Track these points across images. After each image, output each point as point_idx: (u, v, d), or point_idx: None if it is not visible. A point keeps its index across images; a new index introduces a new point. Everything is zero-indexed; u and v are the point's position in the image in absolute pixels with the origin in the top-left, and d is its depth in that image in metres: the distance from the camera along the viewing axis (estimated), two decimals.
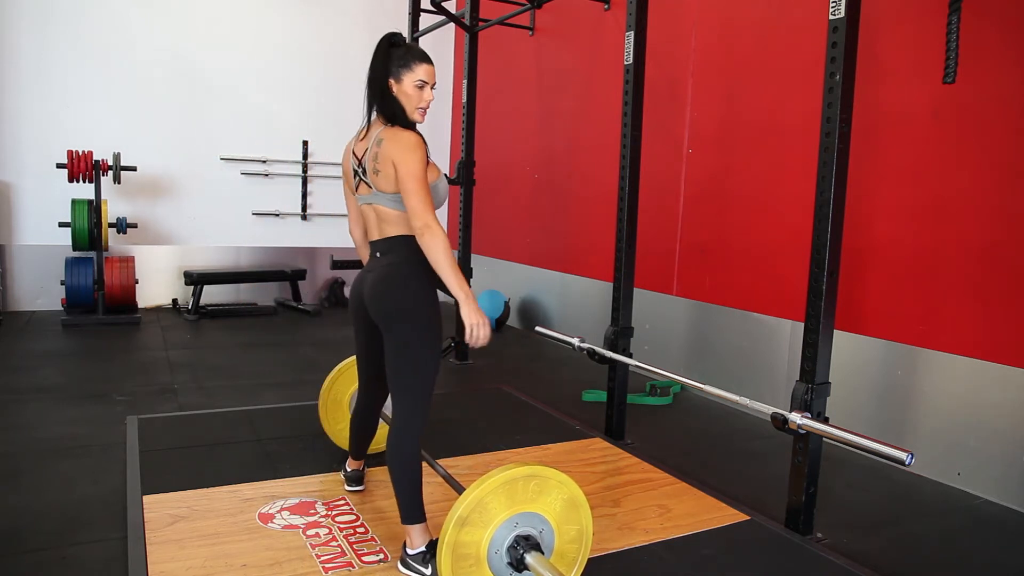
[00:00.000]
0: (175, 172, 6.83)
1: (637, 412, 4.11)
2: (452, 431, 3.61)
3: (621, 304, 3.62)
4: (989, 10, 3.07)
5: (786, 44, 4.08)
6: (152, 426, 3.53)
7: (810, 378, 2.60)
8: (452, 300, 2.40)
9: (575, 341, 3.71)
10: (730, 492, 3.04)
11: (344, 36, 7.40)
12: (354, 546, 2.41)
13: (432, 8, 5.31)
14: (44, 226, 6.28)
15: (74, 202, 6.03)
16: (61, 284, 6.15)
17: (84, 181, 5.94)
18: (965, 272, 3.24)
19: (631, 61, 3.50)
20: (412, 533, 2.23)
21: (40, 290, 6.44)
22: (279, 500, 2.73)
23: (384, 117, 2.26)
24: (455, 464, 3.13)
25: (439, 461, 2.81)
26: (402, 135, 2.20)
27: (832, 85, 2.50)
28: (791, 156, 4.03)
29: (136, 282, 6.34)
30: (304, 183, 7.41)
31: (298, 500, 2.73)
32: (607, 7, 5.51)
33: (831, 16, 2.49)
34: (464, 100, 5.27)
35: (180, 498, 2.70)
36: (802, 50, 3.91)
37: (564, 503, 2.09)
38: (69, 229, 6.04)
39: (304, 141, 7.36)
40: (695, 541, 2.58)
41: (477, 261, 6.16)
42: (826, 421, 2.58)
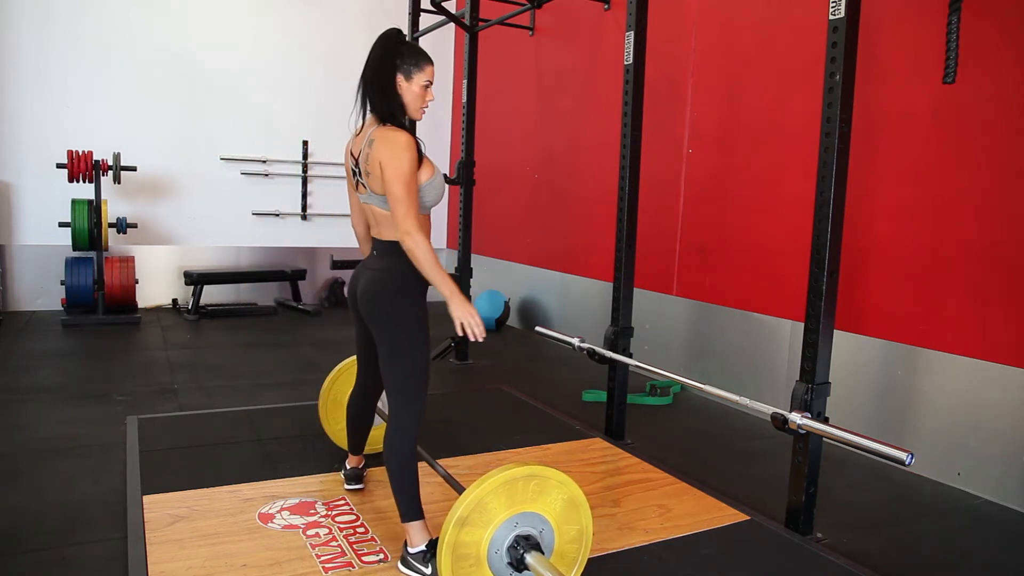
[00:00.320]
0: (175, 172, 6.83)
1: (637, 412, 4.11)
2: (452, 431, 3.62)
3: (621, 304, 3.62)
4: (989, 10, 3.07)
5: (786, 44, 4.08)
6: (152, 426, 3.53)
7: (810, 378, 2.60)
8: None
9: (575, 341, 3.71)
10: (730, 492, 3.04)
11: (344, 36, 7.40)
12: (354, 546, 2.41)
13: (432, 8, 5.32)
14: (44, 226, 6.29)
15: (74, 202, 6.03)
16: (61, 284, 6.15)
17: (84, 181, 5.94)
18: (965, 272, 3.24)
19: (631, 61, 3.50)
20: (411, 532, 2.24)
21: (40, 290, 6.45)
22: (279, 500, 2.73)
23: (380, 114, 2.23)
24: (455, 464, 3.13)
25: (439, 461, 2.81)
26: (392, 136, 2.17)
27: (832, 85, 2.50)
28: (791, 156, 4.03)
29: (136, 282, 6.34)
30: (304, 183, 7.41)
31: (298, 500, 2.74)
32: (607, 7, 5.51)
33: (831, 16, 2.49)
34: (464, 100, 5.27)
35: (180, 498, 2.70)
36: (802, 50, 3.91)
37: (564, 503, 2.09)
38: (69, 229, 6.04)
39: (304, 141, 7.36)
40: (695, 541, 2.58)
41: (477, 261, 6.16)
42: (826, 421, 2.58)
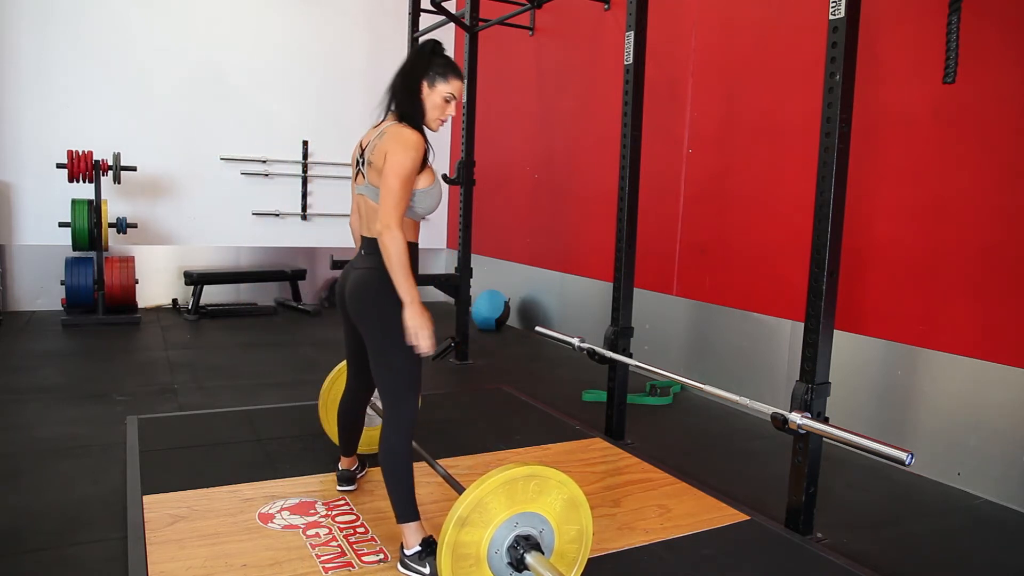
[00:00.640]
0: (175, 172, 6.83)
1: (637, 412, 4.11)
2: (452, 431, 3.62)
3: (621, 304, 3.62)
4: (989, 10, 3.07)
5: (786, 44, 4.08)
6: (152, 426, 3.53)
7: (810, 378, 2.60)
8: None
9: (575, 341, 3.71)
10: (730, 492, 3.04)
11: (344, 36, 7.41)
12: (354, 546, 2.41)
13: (432, 8, 5.31)
14: (44, 226, 6.29)
15: (74, 202, 6.03)
16: (61, 284, 6.15)
17: (84, 181, 5.94)
18: (965, 272, 3.24)
19: (631, 61, 3.50)
20: (406, 532, 2.24)
21: (40, 290, 6.45)
22: (279, 500, 2.73)
23: (400, 114, 2.28)
24: (455, 464, 3.13)
25: (439, 461, 2.81)
26: (404, 132, 2.21)
27: (832, 85, 2.50)
28: (791, 156, 4.03)
29: (136, 282, 6.34)
30: (304, 183, 7.41)
31: (298, 500, 2.74)
32: (607, 7, 5.51)
33: (831, 16, 2.49)
34: (464, 100, 5.27)
35: (180, 498, 2.70)
36: (802, 50, 3.91)
37: (564, 503, 2.09)
38: (69, 229, 6.04)
39: (304, 141, 7.36)
40: (695, 541, 2.58)
41: (477, 261, 6.16)
42: (826, 421, 2.58)
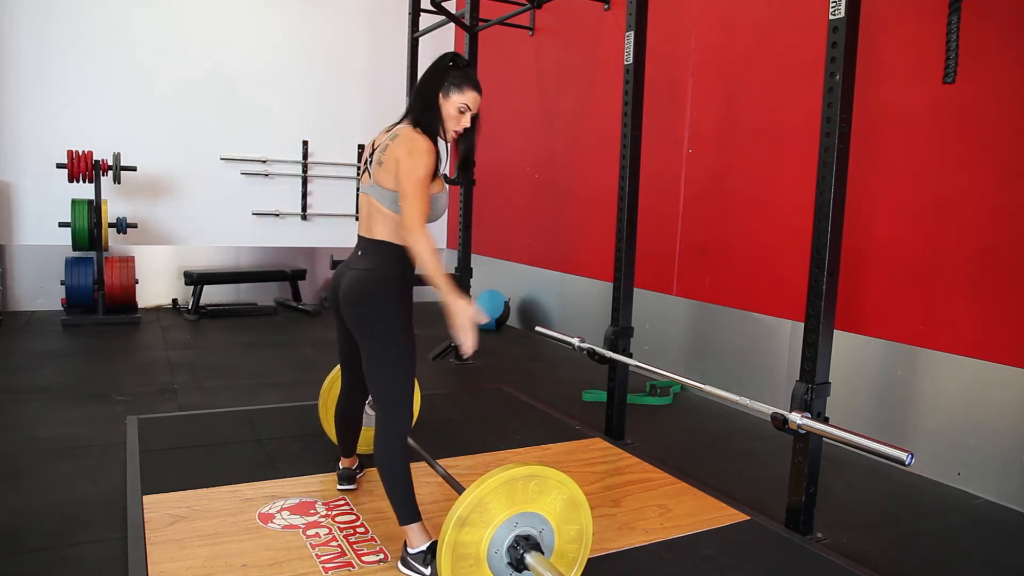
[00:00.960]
0: (175, 172, 6.83)
1: (637, 412, 4.11)
2: (452, 431, 3.62)
3: (621, 304, 3.62)
4: (989, 10, 3.07)
5: (786, 44, 4.08)
6: (152, 426, 3.53)
7: (810, 378, 2.60)
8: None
9: (575, 341, 3.71)
10: (730, 492, 3.04)
11: (344, 36, 7.41)
12: (354, 546, 2.41)
13: (432, 8, 5.32)
14: (44, 226, 6.28)
15: (74, 202, 6.03)
16: (61, 284, 6.15)
17: (84, 181, 5.93)
18: (965, 272, 3.24)
19: (631, 61, 3.50)
20: (410, 533, 2.24)
21: (40, 290, 6.44)
22: (279, 500, 2.73)
23: (417, 120, 2.27)
24: (455, 464, 3.13)
25: (439, 461, 2.81)
26: (417, 138, 2.21)
27: (832, 85, 2.50)
28: (791, 156, 4.03)
29: (136, 282, 6.34)
30: (304, 183, 7.41)
31: (298, 500, 2.74)
32: (607, 7, 5.51)
33: (831, 16, 2.49)
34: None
35: (180, 498, 2.70)
36: (802, 50, 3.91)
37: (564, 503, 2.09)
38: (69, 229, 6.04)
39: (304, 141, 7.36)
40: (695, 541, 2.58)
41: (477, 261, 6.16)
42: (826, 421, 2.58)
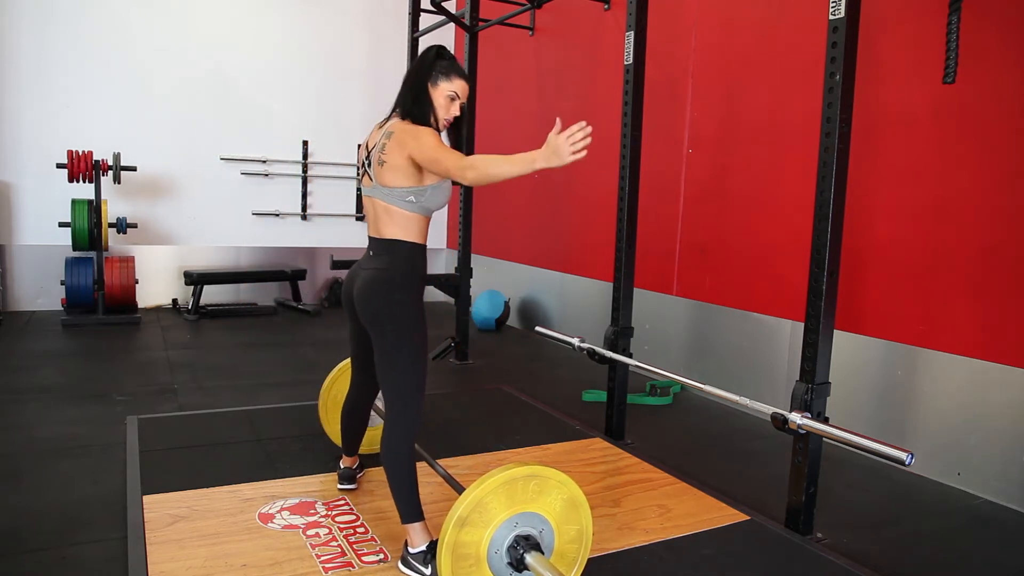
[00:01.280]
0: (175, 172, 6.83)
1: (637, 412, 4.11)
2: (452, 431, 3.62)
3: (621, 304, 3.62)
4: (989, 10, 3.07)
5: (786, 44, 4.08)
6: (152, 426, 3.53)
7: (810, 378, 2.60)
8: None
9: (575, 341, 3.71)
10: (730, 492, 3.04)
11: (344, 36, 7.41)
12: (354, 546, 2.41)
13: (432, 8, 5.31)
14: (44, 226, 6.28)
15: (74, 202, 6.03)
16: (61, 284, 6.15)
17: (84, 181, 5.94)
18: (965, 272, 3.24)
19: (631, 61, 3.50)
20: (412, 532, 2.24)
21: (40, 290, 6.44)
22: (279, 500, 2.73)
23: (408, 111, 2.29)
24: (455, 464, 3.13)
25: (439, 461, 2.81)
26: (413, 126, 2.25)
27: (832, 85, 2.50)
28: (791, 156, 4.03)
29: (136, 282, 6.34)
30: (304, 183, 7.41)
31: (298, 500, 2.74)
32: (607, 7, 5.51)
33: (831, 16, 2.49)
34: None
35: (180, 498, 2.70)
36: (802, 50, 3.91)
37: (564, 503, 2.09)
38: (69, 229, 6.04)
39: (304, 141, 7.36)
40: (695, 541, 2.58)
41: (477, 261, 6.16)
42: (826, 421, 2.58)
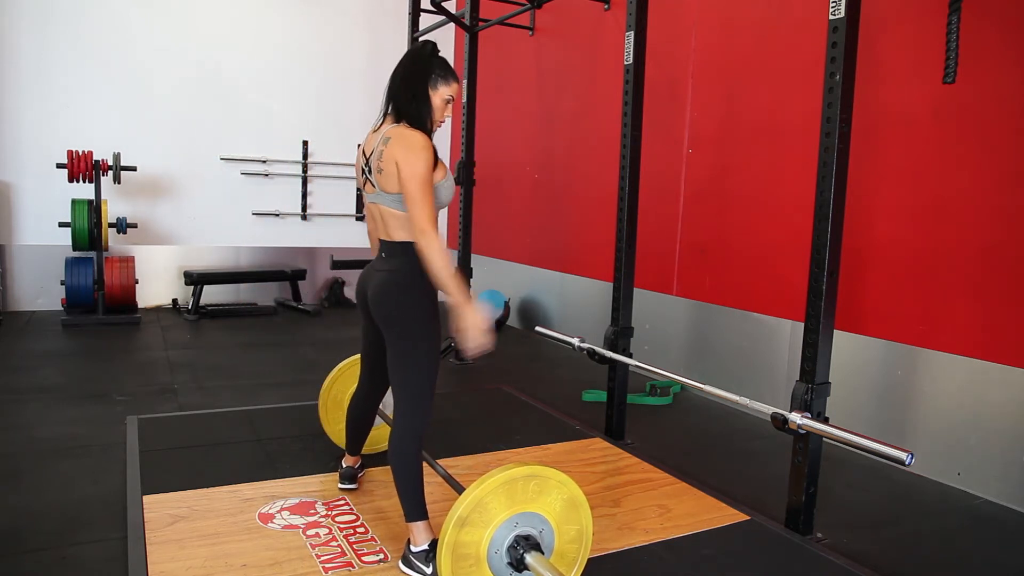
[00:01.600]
0: (175, 172, 6.83)
1: (637, 412, 4.11)
2: (452, 431, 3.62)
3: (621, 304, 3.62)
4: (989, 10, 3.07)
5: (786, 44, 4.08)
6: (152, 426, 3.53)
7: (810, 378, 2.60)
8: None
9: (575, 341, 3.71)
10: (730, 492, 3.04)
11: (344, 36, 7.41)
12: (354, 546, 2.41)
13: (432, 8, 5.31)
14: (44, 226, 6.28)
15: (74, 202, 6.03)
16: (61, 284, 6.15)
17: (84, 181, 5.93)
18: (965, 272, 3.24)
19: (631, 61, 3.50)
20: (415, 531, 2.24)
21: (40, 290, 6.44)
22: (279, 500, 2.73)
23: (405, 114, 2.23)
24: (455, 464, 3.13)
25: (439, 461, 2.81)
26: (409, 135, 2.19)
27: (832, 85, 2.50)
28: (791, 156, 4.03)
29: (136, 282, 6.34)
30: (304, 183, 7.41)
31: (298, 500, 2.74)
32: (607, 7, 5.51)
33: (831, 16, 2.49)
34: (464, 100, 5.27)
35: (180, 498, 2.70)
36: (802, 50, 3.91)
37: (564, 503, 2.09)
38: (69, 229, 6.03)
39: (304, 141, 7.36)
40: (695, 541, 2.58)
41: (477, 261, 6.16)
42: (826, 421, 2.58)
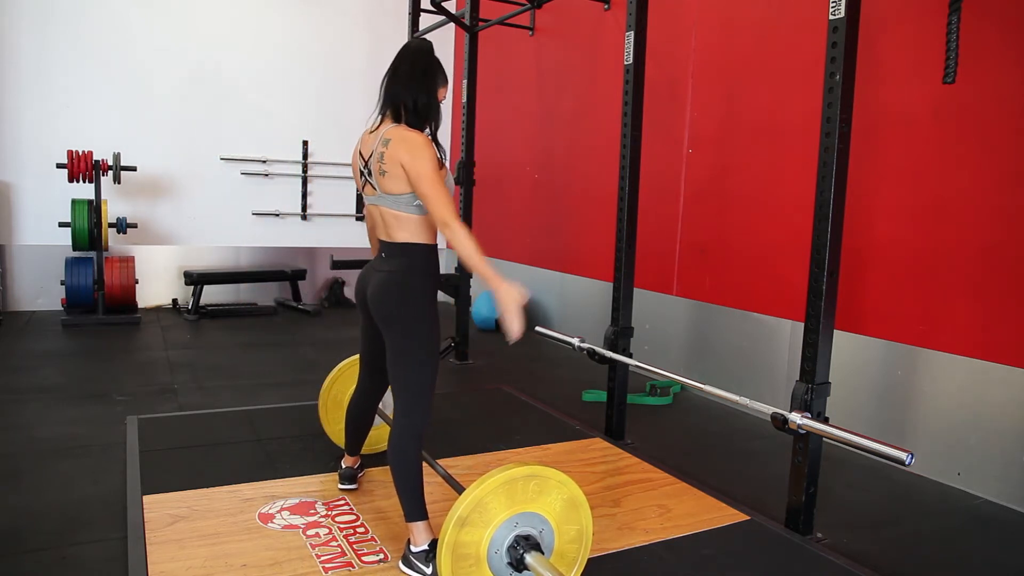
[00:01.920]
0: (175, 172, 6.83)
1: (637, 412, 4.11)
2: (452, 431, 3.61)
3: (621, 304, 3.62)
4: (989, 10, 3.07)
5: (786, 44, 4.08)
6: (152, 426, 3.53)
7: (810, 378, 2.60)
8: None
9: (575, 341, 3.71)
10: (730, 492, 3.04)
11: (344, 36, 7.41)
12: (354, 546, 2.41)
13: (432, 8, 5.31)
14: (44, 226, 6.28)
15: (74, 202, 6.03)
16: (61, 284, 6.15)
17: (84, 181, 5.94)
18: (965, 272, 3.24)
19: (631, 61, 3.50)
20: (415, 531, 2.24)
21: (40, 290, 6.44)
22: (279, 500, 2.73)
23: (412, 113, 2.23)
24: (455, 464, 3.13)
25: (439, 461, 2.81)
26: (410, 136, 2.19)
27: (832, 85, 2.50)
28: (791, 156, 4.03)
29: (136, 282, 6.34)
30: (304, 183, 7.41)
31: (298, 500, 2.74)
32: (607, 7, 5.51)
33: (831, 16, 2.49)
34: (464, 100, 5.27)
35: (180, 498, 2.70)
36: (802, 50, 3.91)
37: (564, 503, 2.09)
38: (69, 229, 6.04)
39: (304, 141, 7.36)
40: (695, 541, 2.58)
41: None
42: (826, 421, 2.58)
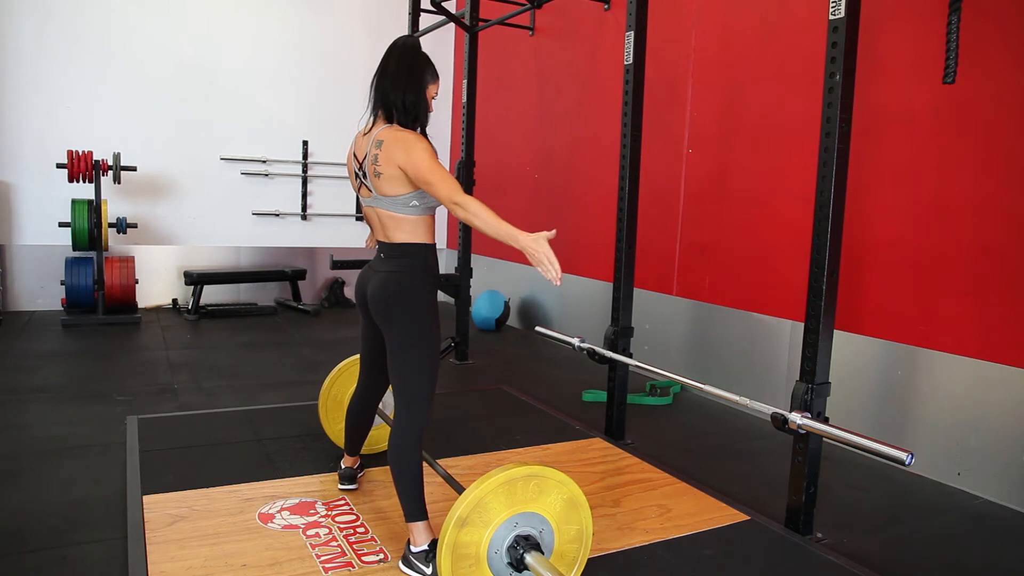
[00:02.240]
0: (175, 172, 6.83)
1: (637, 412, 4.11)
2: (452, 431, 3.62)
3: (621, 304, 3.62)
4: (989, 10, 3.07)
5: (786, 44, 4.08)
6: (152, 426, 3.53)
7: (810, 378, 2.60)
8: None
9: (575, 341, 3.71)
10: (730, 492, 3.04)
11: (344, 36, 7.41)
12: (354, 546, 2.41)
13: (432, 8, 5.31)
14: (44, 226, 6.28)
15: (74, 202, 6.03)
16: (61, 284, 6.15)
17: (84, 181, 5.93)
18: (965, 272, 3.24)
19: (631, 61, 3.50)
20: (415, 531, 2.24)
21: (40, 290, 6.44)
22: (279, 500, 2.73)
23: (403, 112, 2.24)
24: (455, 464, 3.14)
25: (439, 461, 2.81)
26: (403, 136, 2.21)
27: (832, 85, 2.50)
28: (791, 156, 4.03)
29: (136, 282, 6.34)
30: (304, 183, 7.41)
31: (298, 500, 2.74)
32: (607, 7, 5.51)
33: (831, 16, 2.49)
34: (464, 100, 5.27)
35: (180, 498, 2.70)
36: (802, 50, 3.91)
37: (564, 503, 2.09)
38: (69, 229, 6.04)
39: (304, 141, 7.36)
40: (695, 541, 2.58)
41: (477, 261, 6.16)
42: (826, 421, 2.58)
